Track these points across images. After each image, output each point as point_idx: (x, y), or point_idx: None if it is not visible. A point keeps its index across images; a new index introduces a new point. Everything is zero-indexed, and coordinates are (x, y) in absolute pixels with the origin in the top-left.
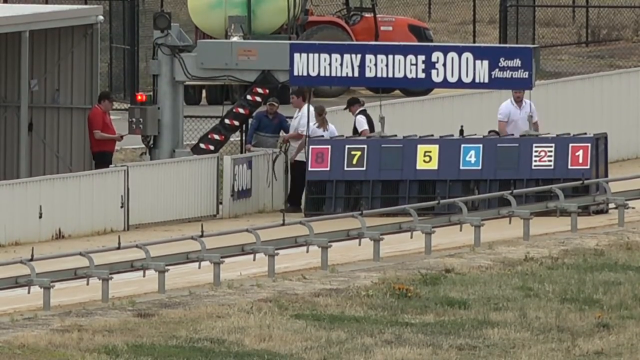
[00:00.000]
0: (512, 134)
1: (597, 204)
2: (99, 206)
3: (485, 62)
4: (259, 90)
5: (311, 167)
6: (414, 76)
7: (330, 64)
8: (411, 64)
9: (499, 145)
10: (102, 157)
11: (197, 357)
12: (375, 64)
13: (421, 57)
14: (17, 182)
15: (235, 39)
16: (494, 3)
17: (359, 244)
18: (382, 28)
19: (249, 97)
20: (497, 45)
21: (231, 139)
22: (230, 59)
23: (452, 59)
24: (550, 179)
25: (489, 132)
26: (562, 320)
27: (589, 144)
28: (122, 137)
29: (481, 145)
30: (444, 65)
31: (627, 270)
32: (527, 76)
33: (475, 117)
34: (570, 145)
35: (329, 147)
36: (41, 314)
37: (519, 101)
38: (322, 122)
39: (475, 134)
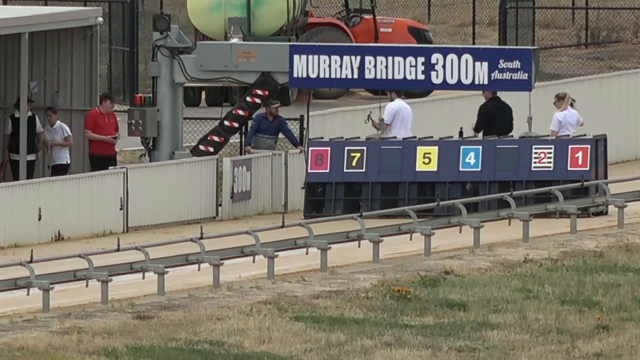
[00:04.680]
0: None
1: (596, 206)
2: (98, 208)
3: (485, 64)
4: (259, 92)
5: (311, 168)
6: (414, 78)
7: (329, 66)
8: (411, 66)
9: (498, 146)
10: (98, 161)
11: (196, 359)
12: (375, 66)
13: (421, 59)
14: (17, 184)
15: (234, 40)
16: (493, 5)
17: (359, 246)
18: (381, 30)
19: (248, 99)
20: (497, 47)
21: (231, 141)
22: (230, 60)
23: (452, 60)
24: (550, 180)
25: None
26: (561, 322)
27: (589, 146)
28: (115, 138)
29: (480, 147)
30: (444, 66)
31: (626, 272)
32: (526, 78)
33: (474, 119)
34: (570, 146)
35: (329, 149)
36: (40, 316)
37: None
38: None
39: (475, 136)
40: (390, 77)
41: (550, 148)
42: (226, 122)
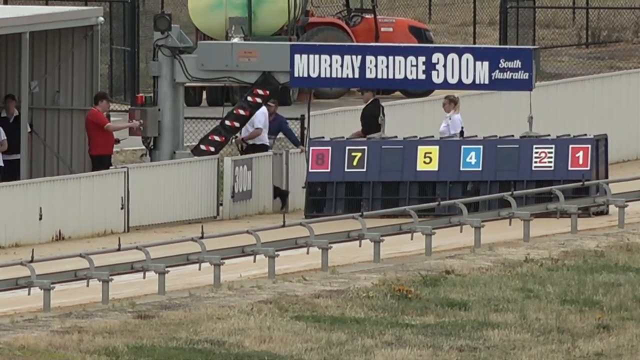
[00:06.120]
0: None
1: (597, 206)
2: (99, 208)
3: (486, 64)
4: (260, 91)
5: (312, 168)
6: (415, 77)
7: (330, 65)
8: (411, 65)
9: (499, 146)
10: (100, 161)
11: (197, 358)
12: (376, 65)
13: (421, 58)
14: (18, 184)
15: (235, 40)
16: (494, 4)
17: (360, 246)
18: (382, 29)
19: (249, 98)
20: (498, 46)
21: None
22: (231, 60)
23: (453, 60)
24: (551, 180)
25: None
26: (562, 321)
27: (589, 145)
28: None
29: (481, 147)
30: (445, 66)
31: (627, 271)
32: (527, 77)
33: (475, 118)
34: (571, 146)
35: (330, 148)
36: (41, 316)
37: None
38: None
39: (476, 135)
40: (391, 76)
41: (551, 148)
42: (227, 122)
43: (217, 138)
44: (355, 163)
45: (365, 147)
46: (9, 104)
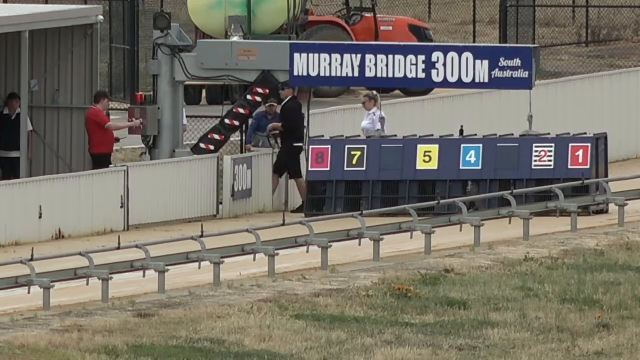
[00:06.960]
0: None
1: (597, 204)
2: (99, 206)
3: (486, 62)
4: (259, 90)
5: (311, 167)
6: (414, 76)
7: (330, 64)
8: (411, 64)
9: (499, 145)
10: (100, 159)
11: (197, 357)
12: (376, 64)
13: (421, 57)
14: (17, 182)
15: (235, 39)
16: (494, 3)
17: (359, 244)
18: (382, 28)
19: (249, 97)
20: (497, 45)
21: (231, 139)
22: (231, 59)
23: (452, 59)
24: (550, 179)
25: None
26: (562, 320)
27: (589, 144)
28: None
29: (481, 145)
30: (444, 65)
31: (627, 270)
32: (527, 76)
33: (475, 117)
34: (571, 145)
35: (329, 147)
36: (41, 314)
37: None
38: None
39: (476, 134)
40: (390, 75)
41: (551, 146)
42: (227, 121)
43: (217, 137)
44: (355, 162)
45: (365, 146)
46: (12, 102)
